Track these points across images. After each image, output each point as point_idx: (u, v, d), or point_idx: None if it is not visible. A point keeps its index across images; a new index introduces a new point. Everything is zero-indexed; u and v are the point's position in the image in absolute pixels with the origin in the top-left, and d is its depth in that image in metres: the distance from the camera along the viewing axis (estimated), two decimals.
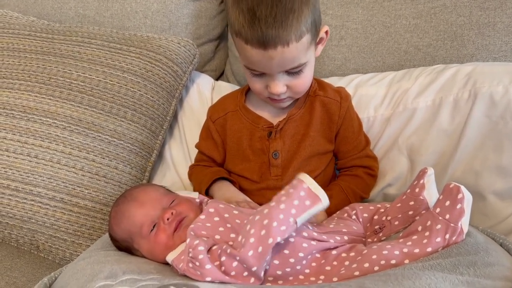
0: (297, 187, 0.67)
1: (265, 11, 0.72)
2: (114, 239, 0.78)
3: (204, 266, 0.63)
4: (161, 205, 0.76)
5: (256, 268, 0.62)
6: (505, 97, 0.86)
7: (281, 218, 0.63)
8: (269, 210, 0.65)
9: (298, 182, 0.68)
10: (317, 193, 0.66)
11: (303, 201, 0.66)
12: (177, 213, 0.75)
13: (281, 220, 0.63)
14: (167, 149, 1.12)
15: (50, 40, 1.09)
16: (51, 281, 0.70)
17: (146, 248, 0.75)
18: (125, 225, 0.76)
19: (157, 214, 0.75)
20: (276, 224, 0.63)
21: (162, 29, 1.21)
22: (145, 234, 0.74)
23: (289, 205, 0.65)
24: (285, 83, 0.81)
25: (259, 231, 0.63)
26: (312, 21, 0.76)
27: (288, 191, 0.67)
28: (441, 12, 1.06)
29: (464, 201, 0.64)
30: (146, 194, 0.79)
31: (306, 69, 0.81)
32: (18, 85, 1.01)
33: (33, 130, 0.96)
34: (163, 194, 0.80)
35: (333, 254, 0.69)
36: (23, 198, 0.93)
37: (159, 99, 1.06)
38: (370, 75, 1.07)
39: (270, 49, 0.74)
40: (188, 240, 0.67)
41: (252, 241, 0.63)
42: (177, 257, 0.68)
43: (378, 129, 1.00)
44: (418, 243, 0.65)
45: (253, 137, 0.91)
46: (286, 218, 0.64)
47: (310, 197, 0.66)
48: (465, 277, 0.57)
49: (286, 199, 0.65)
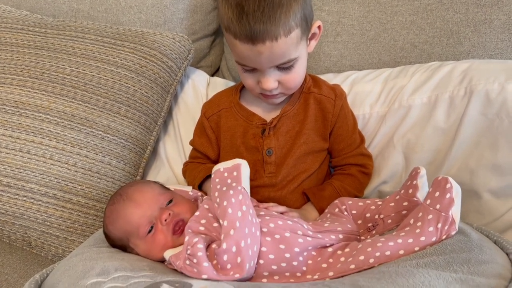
0: (216, 176, 0.73)
1: (252, 5, 0.72)
2: (108, 238, 0.78)
3: (202, 264, 0.63)
4: (158, 205, 0.76)
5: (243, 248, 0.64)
6: (501, 95, 0.86)
7: (229, 204, 0.68)
8: (219, 210, 0.69)
9: (214, 175, 0.74)
10: (230, 164, 0.74)
11: (230, 177, 0.72)
12: (175, 214, 0.74)
13: (231, 205, 0.67)
14: (161, 145, 1.12)
15: (43, 34, 1.08)
16: (42, 278, 0.69)
17: (143, 249, 0.74)
18: (121, 225, 0.75)
19: (154, 214, 0.74)
20: (230, 210, 0.67)
21: (157, 24, 1.20)
22: (142, 235, 0.73)
23: (223, 194, 0.69)
24: (277, 79, 0.81)
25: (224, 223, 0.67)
26: (302, 16, 0.76)
27: (215, 188, 0.72)
28: (437, 9, 1.06)
29: (453, 190, 0.65)
30: (142, 194, 0.77)
31: (297, 64, 0.81)
32: (11, 79, 1.00)
33: (26, 126, 0.95)
34: (159, 193, 0.79)
35: (329, 252, 0.70)
36: (15, 194, 0.92)
37: (154, 94, 1.05)
38: (366, 72, 1.07)
39: (258, 43, 0.74)
40: (187, 238, 0.67)
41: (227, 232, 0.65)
42: (175, 254, 0.68)
43: (373, 126, 0.99)
44: (411, 233, 0.65)
45: (247, 134, 0.91)
46: (233, 201, 0.68)
47: (230, 170, 0.73)
48: (459, 274, 0.57)
49: (219, 194, 0.70)
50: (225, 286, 0.58)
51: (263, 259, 0.67)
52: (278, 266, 0.67)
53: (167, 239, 0.72)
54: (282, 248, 0.68)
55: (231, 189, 0.69)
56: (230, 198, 0.68)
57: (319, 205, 0.88)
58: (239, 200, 0.68)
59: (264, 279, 0.67)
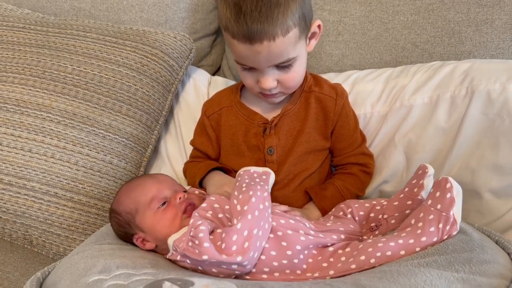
0: (245, 174, 0.77)
1: (250, 5, 0.72)
2: (116, 212, 0.79)
3: (202, 244, 0.64)
4: (175, 188, 0.81)
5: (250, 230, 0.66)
6: (502, 95, 0.86)
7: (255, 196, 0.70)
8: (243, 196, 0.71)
9: (243, 172, 0.77)
10: (261, 170, 0.78)
11: (259, 178, 0.76)
12: (189, 198, 0.79)
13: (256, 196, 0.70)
14: (162, 144, 1.12)
15: (44, 33, 1.08)
16: (44, 276, 0.69)
17: (149, 223, 0.76)
18: (136, 195, 0.78)
19: (169, 194, 0.79)
20: (254, 199, 0.69)
21: (158, 23, 1.20)
22: (153, 206, 0.76)
23: (251, 187, 0.72)
24: (276, 78, 0.81)
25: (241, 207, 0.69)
26: (300, 15, 0.76)
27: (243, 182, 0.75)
28: (439, 9, 1.06)
29: (453, 190, 0.66)
30: (164, 177, 0.84)
31: (297, 63, 0.81)
32: (12, 78, 1.00)
33: (27, 124, 0.95)
34: (176, 182, 0.84)
35: (330, 251, 0.70)
36: (17, 192, 0.92)
37: (155, 93, 1.05)
38: (367, 72, 1.07)
39: (256, 43, 0.74)
40: (192, 220, 0.69)
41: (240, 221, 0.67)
42: (178, 239, 0.69)
43: (374, 126, 0.99)
44: (412, 234, 0.65)
45: (248, 133, 0.91)
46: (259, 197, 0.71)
47: (260, 174, 0.77)
48: (461, 274, 0.57)
49: (247, 186, 0.73)
50: (227, 284, 0.58)
51: (265, 255, 0.68)
52: (279, 263, 0.68)
53: (176, 216, 0.75)
54: (284, 246, 0.69)
55: (259, 185, 0.72)
56: (256, 191, 0.71)
57: (321, 205, 0.88)
58: (263, 196, 0.71)
59: (264, 275, 0.68)
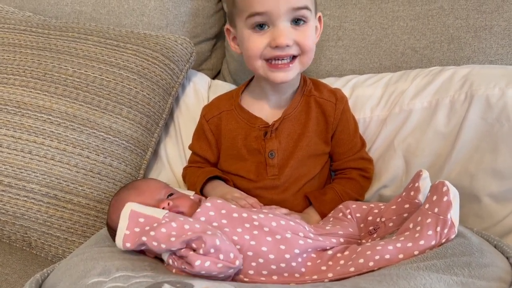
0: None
1: None
2: (111, 228, 0.78)
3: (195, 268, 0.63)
4: (159, 196, 0.79)
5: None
6: (501, 100, 0.86)
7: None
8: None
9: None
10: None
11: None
12: (174, 205, 0.76)
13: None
14: (162, 147, 1.12)
15: (46, 35, 1.09)
16: (43, 278, 0.69)
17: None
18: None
19: (153, 204, 0.76)
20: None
21: (159, 27, 1.21)
22: None
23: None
24: (291, 38, 0.80)
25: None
26: None
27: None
28: (438, 15, 1.07)
29: (450, 193, 0.66)
30: (146, 185, 0.82)
31: (310, 24, 0.82)
32: (13, 80, 1.00)
33: (27, 126, 0.95)
34: (163, 186, 0.82)
35: (329, 254, 0.70)
36: (16, 194, 0.92)
37: (155, 96, 1.05)
38: (367, 76, 1.07)
39: None
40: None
41: None
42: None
43: (374, 130, 1.00)
44: (410, 237, 0.66)
45: (249, 137, 0.90)
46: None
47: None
48: (460, 277, 0.57)
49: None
50: (226, 286, 0.58)
51: (263, 258, 0.68)
52: (277, 266, 0.68)
53: None
54: (282, 249, 0.69)
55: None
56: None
57: (320, 209, 0.88)
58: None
59: (262, 277, 0.68)
